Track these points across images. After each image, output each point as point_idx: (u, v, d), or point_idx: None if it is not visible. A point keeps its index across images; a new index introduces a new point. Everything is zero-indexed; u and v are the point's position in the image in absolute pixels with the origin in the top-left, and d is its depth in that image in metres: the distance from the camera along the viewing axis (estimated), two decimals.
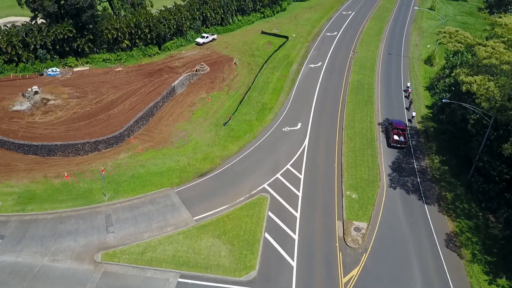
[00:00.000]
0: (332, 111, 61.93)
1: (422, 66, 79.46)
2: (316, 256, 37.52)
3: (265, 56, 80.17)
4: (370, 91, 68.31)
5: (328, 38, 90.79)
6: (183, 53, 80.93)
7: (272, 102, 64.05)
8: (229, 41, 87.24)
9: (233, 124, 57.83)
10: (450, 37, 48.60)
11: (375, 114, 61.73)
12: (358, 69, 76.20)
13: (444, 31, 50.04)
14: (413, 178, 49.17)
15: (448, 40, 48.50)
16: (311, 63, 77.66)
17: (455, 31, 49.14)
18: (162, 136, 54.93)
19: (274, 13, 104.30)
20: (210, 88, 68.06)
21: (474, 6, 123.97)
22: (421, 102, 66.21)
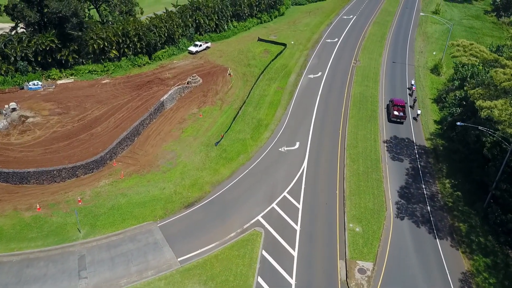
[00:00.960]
0: (333, 128, 57.34)
1: (429, 76, 74.79)
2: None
3: (261, 65, 75.59)
4: (373, 104, 63.67)
5: (329, 45, 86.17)
6: (175, 63, 76.41)
7: (269, 118, 59.49)
8: (224, 49, 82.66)
9: (225, 143, 53.30)
10: (464, 51, 44.03)
11: (379, 131, 57.11)
12: (360, 79, 71.56)
13: (457, 44, 45.45)
14: (423, 206, 44.58)
15: (462, 53, 43.93)
16: (311, 73, 73.06)
17: (469, 44, 44.54)
18: (148, 158, 50.41)
19: (271, 18, 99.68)
20: (202, 102, 63.53)
21: (480, 9, 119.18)
22: (428, 116, 61.55)
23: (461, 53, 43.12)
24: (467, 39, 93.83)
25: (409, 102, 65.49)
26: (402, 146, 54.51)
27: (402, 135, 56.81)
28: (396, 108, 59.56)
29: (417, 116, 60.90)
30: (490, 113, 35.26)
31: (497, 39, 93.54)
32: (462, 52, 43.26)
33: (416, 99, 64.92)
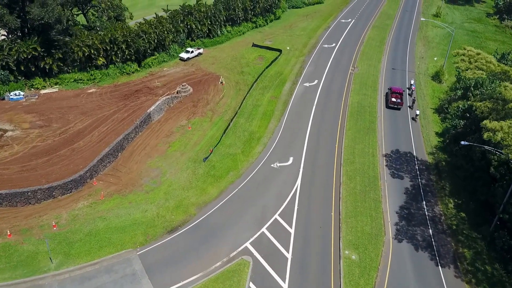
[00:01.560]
0: (328, 142, 54.24)
1: (430, 83, 71.64)
2: None
3: (255, 73, 72.48)
4: (372, 115, 60.55)
5: (326, 50, 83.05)
6: (165, 70, 73.31)
7: (261, 131, 56.39)
8: (216, 55, 79.56)
9: (214, 159, 50.21)
10: (469, 62, 40.88)
11: (378, 144, 54.02)
12: (358, 88, 68.44)
13: (462, 53, 42.31)
14: (424, 229, 41.49)
15: (466, 65, 40.78)
16: (306, 81, 69.95)
17: (475, 54, 41.44)
18: (131, 176, 47.31)
19: (267, 22, 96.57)
20: (192, 113, 60.42)
21: (482, 12, 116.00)
22: (430, 128, 58.43)
23: (466, 65, 40.05)
24: (469, 43, 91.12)
25: (408, 102, 64.92)
26: (402, 161, 51.42)
27: (403, 148, 53.73)
28: (394, 95, 62.60)
29: (416, 117, 59.91)
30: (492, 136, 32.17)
31: (501, 44, 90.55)
32: (467, 64, 40.18)
33: (415, 99, 64.13)
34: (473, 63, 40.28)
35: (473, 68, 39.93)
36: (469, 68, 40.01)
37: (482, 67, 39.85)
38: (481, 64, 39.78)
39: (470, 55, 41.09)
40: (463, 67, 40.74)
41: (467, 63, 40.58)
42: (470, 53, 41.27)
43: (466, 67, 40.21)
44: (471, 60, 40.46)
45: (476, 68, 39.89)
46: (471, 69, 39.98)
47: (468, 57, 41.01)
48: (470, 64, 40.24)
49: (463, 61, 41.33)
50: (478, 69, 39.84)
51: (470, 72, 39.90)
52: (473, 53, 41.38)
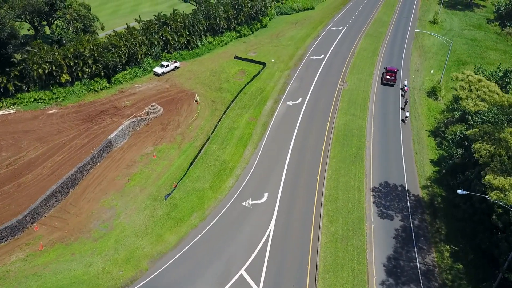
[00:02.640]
0: (309, 173, 48.12)
1: (425, 100, 65.46)
2: None
3: (234, 90, 66.37)
4: (360, 139, 54.41)
5: (314, 63, 76.91)
6: (137, 87, 67.27)
7: (235, 159, 50.29)
8: (194, 69, 73.47)
9: (178, 196, 44.14)
10: (470, 89, 34.80)
11: (365, 176, 47.90)
12: (346, 106, 62.30)
13: (461, 79, 36.17)
14: (415, 287, 35.30)
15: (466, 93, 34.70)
16: (290, 100, 63.81)
17: (477, 81, 35.29)
18: (80, 219, 41.22)
19: (252, 31, 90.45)
20: (160, 138, 54.36)
21: (482, 17, 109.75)
22: (424, 154, 52.25)
23: (466, 93, 33.96)
24: (469, 53, 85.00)
25: (401, 103, 63.97)
26: (393, 196, 45.29)
27: (393, 180, 47.61)
28: (388, 73, 68.91)
29: (406, 119, 58.84)
30: (503, 198, 26.11)
31: (502, 53, 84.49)
32: (467, 92, 34.07)
33: (407, 101, 63.31)
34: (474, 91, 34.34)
35: (474, 97, 34.05)
36: (470, 97, 34.12)
37: (484, 97, 33.91)
38: (483, 94, 33.84)
39: (470, 81, 35.18)
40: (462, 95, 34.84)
41: (467, 91, 34.66)
42: (471, 79, 35.32)
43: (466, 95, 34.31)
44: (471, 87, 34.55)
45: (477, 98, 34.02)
46: (472, 98, 34.07)
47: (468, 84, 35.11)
48: (471, 92, 34.33)
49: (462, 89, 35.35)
50: (480, 99, 33.96)
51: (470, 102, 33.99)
52: (474, 79, 35.41)
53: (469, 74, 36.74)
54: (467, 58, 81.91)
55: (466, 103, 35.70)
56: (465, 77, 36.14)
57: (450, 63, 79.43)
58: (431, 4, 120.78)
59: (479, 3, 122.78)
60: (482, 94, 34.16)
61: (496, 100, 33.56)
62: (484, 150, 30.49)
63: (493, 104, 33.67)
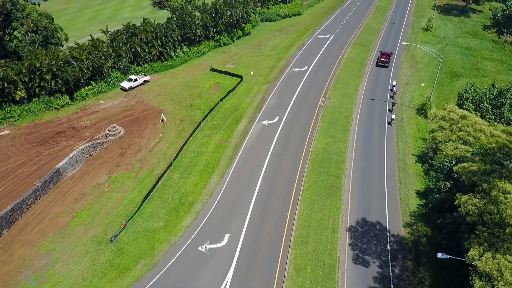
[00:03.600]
0: (279, 208, 42.69)
1: (414, 119, 60.05)
2: None
3: (206, 107, 60.97)
4: (338, 167, 48.99)
5: (295, 76, 71.49)
6: (101, 104, 61.86)
7: (197, 191, 44.86)
8: (166, 83, 68.05)
9: (126, 238, 38.69)
10: (451, 130, 29.40)
11: (342, 211, 42.48)
12: (326, 127, 56.89)
13: (441, 116, 30.69)
14: None
15: (447, 135, 29.25)
16: (265, 119, 58.40)
17: (459, 118, 29.89)
18: (8, 269, 35.76)
19: (233, 40, 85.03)
20: (116, 165, 48.94)
21: (478, 24, 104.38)
22: (409, 184, 46.80)
23: (446, 134, 28.52)
24: (463, 64, 79.54)
25: (388, 105, 63.06)
26: (371, 237, 39.87)
27: (373, 216, 42.20)
28: (383, 56, 75.99)
29: (392, 121, 58.04)
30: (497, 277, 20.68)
31: (499, 64, 79.13)
32: (447, 132, 28.62)
33: (395, 103, 62.64)
34: (456, 131, 29.04)
35: (455, 139, 28.76)
36: (450, 139, 28.84)
37: (468, 139, 28.49)
38: (467, 135, 28.43)
39: (452, 119, 29.81)
40: (441, 137, 29.42)
41: (448, 132, 29.36)
42: (453, 117, 29.89)
43: (446, 137, 28.99)
44: (453, 127, 29.27)
45: (459, 140, 28.69)
46: (453, 141, 28.79)
47: (449, 122, 29.82)
48: (452, 133, 29.03)
49: (442, 129, 29.99)
50: (463, 141, 28.59)
51: (450, 146, 28.62)
52: (456, 116, 29.98)
53: (451, 109, 31.33)
54: (461, 70, 76.53)
55: (445, 147, 30.23)
56: (445, 114, 30.78)
57: (442, 75, 74.18)
58: (425, 9, 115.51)
59: (475, 8, 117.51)
60: (465, 135, 28.78)
61: (482, 142, 28.19)
62: (472, 206, 25.19)
63: (479, 147, 28.30)
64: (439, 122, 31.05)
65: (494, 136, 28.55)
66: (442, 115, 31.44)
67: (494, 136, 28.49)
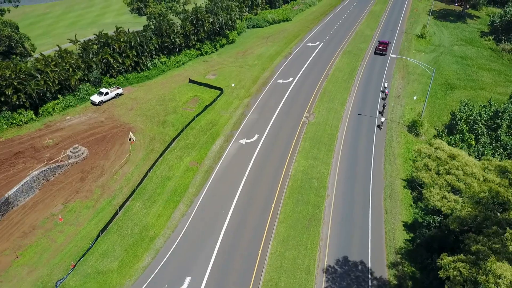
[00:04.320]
0: (250, 245, 38.27)
1: (404, 137, 55.68)
2: None
3: (180, 124, 56.56)
4: (319, 194, 44.59)
5: (280, 88, 67.10)
6: (68, 120, 57.46)
7: (159, 224, 40.41)
8: (140, 96, 63.62)
9: (73, 283, 34.28)
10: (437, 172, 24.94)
11: (319, 247, 38.08)
12: (309, 146, 52.50)
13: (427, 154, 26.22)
14: None
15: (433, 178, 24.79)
16: (244, 137, 53.99)
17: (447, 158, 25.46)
18: None
19: (216, 48, 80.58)
20: (75, 191, 44.52)
21: (475, 30, 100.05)
22: (396, 214, 42.39)
23: (432, 177, 24.07)
24: (458, 74, 75.13)
25: (379, 107, 62.03)
26: (351, 280, 35.45)
27: (354, 255, 37.79)
28: (381, 45, 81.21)
29: (381, 124, 57.01)
30: None
31: (496, 74, 74.85)
32: (433, 175, 24.19)
33: (385, 105, 61.68)
34: (443, 174, 24.67)
35: (442, 184, 24.47)
36: (437, 183, 24.53)
37: (457, 185, 24.08)
38: (456, 180, 24.05)
39: (439, 158, 25.44)
40: (426, 179, 25.10)
41: (434, 174, 24.99)
42: (440, 155, 25.46)
43: (431, 181, 24.59)
44: (440, 168, 24.87)
45: (447, 186, 24.41)
46: (440, 186, 24.44)
47: (436, 162, 25.39)
48: (439, 176, 24.71)
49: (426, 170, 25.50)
50: (451, 188, 24.24)
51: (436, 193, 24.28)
52: (444, 154, 25.45)
53: (439, 145, 26.81)
54: (456, 81, 72.20)
55: (431, 194, 25.89)
56: (432, 152, 26.19)
57: (436, 87, 69.90)
58: (420, 14, 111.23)
59: (472, 13, 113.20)
60: (454, 180, 24.37)
61: (474, 190, 23.83)
62: (454, 271, 20.80)
63: (470, 196, 23.95)
64: (424, 161, 26.63)
65: (487, 182, 24.23)
66: (427, 152, 27.02)
67: (487, 181, 24.18)
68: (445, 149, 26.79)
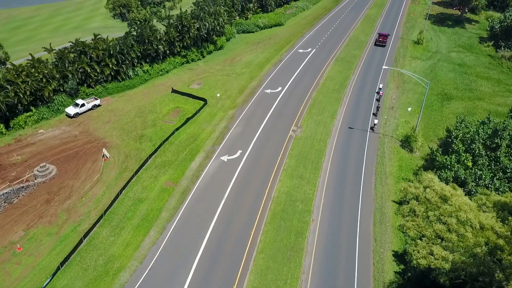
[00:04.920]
0: (224, 280, 34.82)
1: (397, 153, 52.27)
2: None
3: (159, 138, 53.16)
4: (303, 219, 41.16)
5: (267, 98, 63.73)
6: (40, 134, 54.06)
7: (127, 254, 36.97)
8: (119, 107, 60.24)
9: None
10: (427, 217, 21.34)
11: (299, 284, 34.60)
12: (294, 164, 49.09)
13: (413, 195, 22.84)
14: None
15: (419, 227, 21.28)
16: (226, 153, 50.60)
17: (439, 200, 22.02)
18: None
19: (203, 55, 77.22)
20: (38, 216, 41.11)
21: (474, 35, 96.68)
22: (386, 242, 38.86)
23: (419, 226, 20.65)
24: (456, 83, 71.67)
25: (373, 109, 61.53)
26: None
27: None
28: (381, 37, 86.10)
29: (374, 126, 56.25)
30: None
31: (495, 84, 71.50)
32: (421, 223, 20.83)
33: (379, 107, 61.03)
34: (433, 221, 21.05)
35: (431, 236, 20.94)
36: (424, 235, 20.94)
37: (449, 238, 20.45)
38: (447, 230, 20.50)
39: (428, 199, 21.82)
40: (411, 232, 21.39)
41: (421, 223, 21.26)
42: (430, 196, 21.75)
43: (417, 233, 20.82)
44: (429, 213, 21.33)
45: (436, 238, 20.90)
46: (428, 238, 20.90)
47: (424, 205, 21.73)
48: (428, 224, 21.07)
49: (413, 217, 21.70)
50: (441, 240, 20.74)
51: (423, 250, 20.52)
52: (434, 196, 21.68)
53: (429, 183, 23.29)
54: (453, 91, 68.83)
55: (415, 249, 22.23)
56: (420, 193, 22.53)
57: (432, 97, 66.56)
58: (417, 18, 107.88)
59: (471, 17, 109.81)
60: (444, 230, 20.75)
61: (468, 243, 20.40)
62: None
63: (464, 250, 20.51)
64: (411, 204, 22.99)
65: (484, 230, 20.81)
66: (415, 192, 23.49)
67: (485, 229, 20.76)
68: (435, 189, 23.43)
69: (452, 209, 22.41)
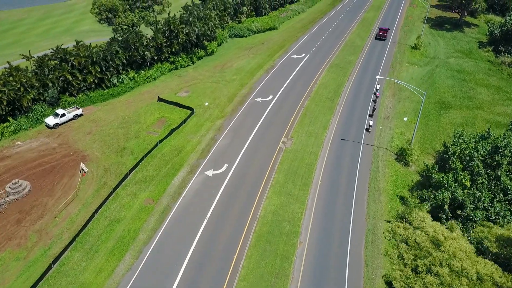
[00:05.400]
0: None
1: (392, 167, 49.70)
2: None
3: (141, 151, 50.56)
4: (290, 242, 38.56)
5: (257, 107, 61.16)
6: (17, 146, 51.47)
7: (99, 282, 34.41)
8: (101, 117, 57.64)
9: None
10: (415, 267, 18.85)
11: None
12: (283, 179, 46.50)
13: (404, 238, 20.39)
14: None
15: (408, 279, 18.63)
16: (211, 167, 48.00)
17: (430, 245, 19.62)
18: None
19: (193, 61, 74.64)
20: (7, 238, 38.53)
21: (473, 40, 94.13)
22: (378, 266, 36.24)
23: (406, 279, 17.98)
24: (454, 91, 69.04)
25: (369, 110, 60.94)
26: None
27: None
28: (381, 31, 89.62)
29: (370, 128, 55.83)
30: None
31: (495, 91, 69.03)
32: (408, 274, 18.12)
33: (375, 108, 60.85)
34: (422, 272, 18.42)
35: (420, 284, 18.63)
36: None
37: None
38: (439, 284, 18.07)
39: (418, 243, 19.30)
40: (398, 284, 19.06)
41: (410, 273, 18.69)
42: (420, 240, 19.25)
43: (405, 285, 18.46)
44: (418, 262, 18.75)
45: None
46: None
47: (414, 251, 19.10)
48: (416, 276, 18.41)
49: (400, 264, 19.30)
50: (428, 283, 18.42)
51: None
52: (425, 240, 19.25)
53: (420, 223, 20.78)
54: (451, 99, 66.28)
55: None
56: (409, 235, 20.06)
57: (430, 105, 64.05)
58: (415, 22, 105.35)
59: (470, 21, 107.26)
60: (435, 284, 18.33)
61: None
62: None
63: None
64: (400, 247, 20.47)
65: (482, 282, 18.22)
66: (404, 235, 20.84)
67: (483, 280, 18.19)
68: (427, 230, 20.87)
69: (445, 256, 19.86)
